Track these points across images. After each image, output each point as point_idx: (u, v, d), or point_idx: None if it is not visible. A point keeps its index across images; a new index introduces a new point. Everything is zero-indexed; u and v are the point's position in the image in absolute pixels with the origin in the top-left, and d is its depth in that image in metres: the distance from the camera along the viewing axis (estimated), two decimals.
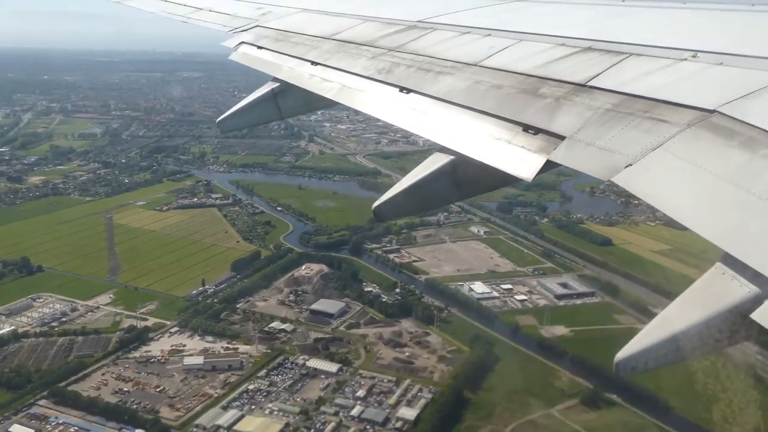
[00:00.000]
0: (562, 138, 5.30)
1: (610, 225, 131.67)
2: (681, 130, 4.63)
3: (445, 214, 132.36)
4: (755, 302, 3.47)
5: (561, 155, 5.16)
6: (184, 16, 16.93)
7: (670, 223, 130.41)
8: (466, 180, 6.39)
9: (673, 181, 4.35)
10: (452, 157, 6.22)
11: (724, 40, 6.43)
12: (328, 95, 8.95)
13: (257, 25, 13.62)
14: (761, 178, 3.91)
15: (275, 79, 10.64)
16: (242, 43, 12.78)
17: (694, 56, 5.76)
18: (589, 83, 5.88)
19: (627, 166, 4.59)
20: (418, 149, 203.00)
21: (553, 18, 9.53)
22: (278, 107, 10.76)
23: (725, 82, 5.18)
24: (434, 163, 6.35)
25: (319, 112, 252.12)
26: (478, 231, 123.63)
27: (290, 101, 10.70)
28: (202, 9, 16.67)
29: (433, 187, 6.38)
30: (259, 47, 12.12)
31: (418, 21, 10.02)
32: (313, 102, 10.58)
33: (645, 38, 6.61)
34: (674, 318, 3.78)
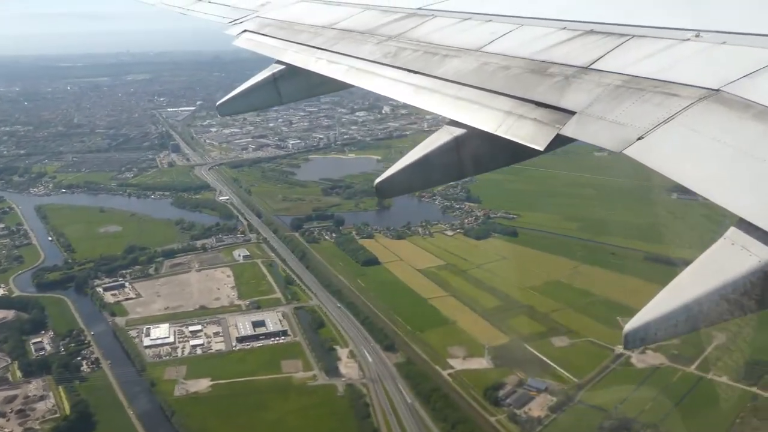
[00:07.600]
0: (572, 114, 5.35)
1: (400, 238, 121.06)
2: (692, 102, 4.66)
3: (219, 236, 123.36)
4: None
5: (571, 129, 5.21)
6: (183, 8, 16.94)
7: (469, 233, 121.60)
8: (475, 155, 6.34)
9: (685, 151, 4.35)
10: (463, 130, 6.21)
11: (727, 19, 6.24)
12: (336, 76, 9.04)
13: (257, 16, 13.80)
14: None
15: (279, 62, 10.72)
16: (245, 31, 13.08)
17: (697, 36, 5.68)
18: (592, 66, 5.90)
19: (639, 139, 4.60)
20: (286, 153, 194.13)
21: (553, 1, 9.23)
22: (278, 92, 10.71)
23: (729, 61, 5.12)
24: (441, 137, 6.31)
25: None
26: (239, 255, 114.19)
27: (291, 85, 10.71)
28: (201, 0, 16.62)
29: (440, 162, 6.28)
30: (264, 35, 12.41)
31: (418, 8, 10.04)
32: (314, 87, 10.81)
33: (647, 19, 6.57)
34: (686, 286, 3.64)
